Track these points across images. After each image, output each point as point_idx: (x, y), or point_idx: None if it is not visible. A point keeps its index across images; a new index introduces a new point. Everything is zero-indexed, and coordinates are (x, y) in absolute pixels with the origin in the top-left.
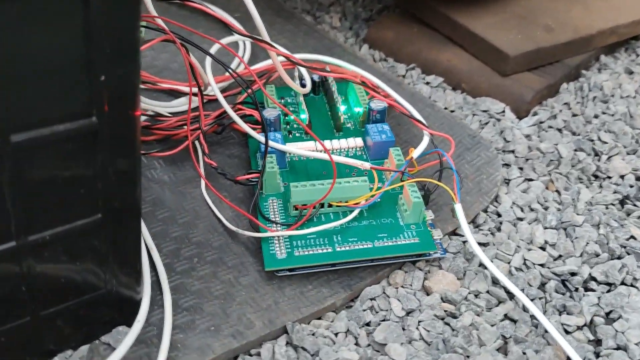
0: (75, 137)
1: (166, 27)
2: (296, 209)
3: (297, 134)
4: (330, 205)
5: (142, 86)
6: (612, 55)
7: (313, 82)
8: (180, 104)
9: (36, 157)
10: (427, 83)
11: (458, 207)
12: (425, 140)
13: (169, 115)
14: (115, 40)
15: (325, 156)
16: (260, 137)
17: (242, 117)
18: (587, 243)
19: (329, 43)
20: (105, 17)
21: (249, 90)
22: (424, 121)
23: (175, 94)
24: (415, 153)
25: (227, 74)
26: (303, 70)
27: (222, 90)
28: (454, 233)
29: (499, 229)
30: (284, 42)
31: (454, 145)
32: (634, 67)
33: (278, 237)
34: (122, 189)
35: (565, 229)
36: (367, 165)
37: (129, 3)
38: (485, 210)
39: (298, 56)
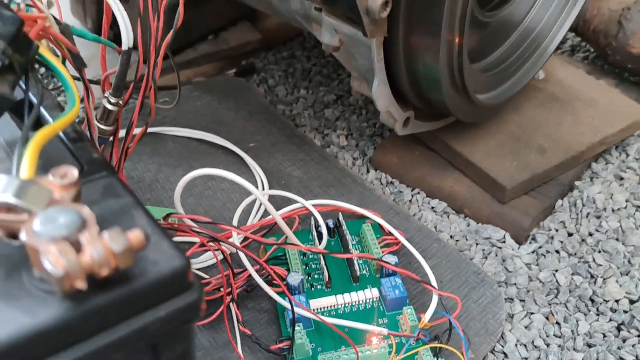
0: None
1: (197, 233)
2: None
3: (318, 286)
4: None
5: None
6: (603, 157)
7: (328, 228)
8: (207, 259)
9: None
10: (432, 208)
11: None
12: (434, 301)
13: (202, 274)
14: None
15: (347, 322)
16: (287, 304)
17: (268, 277)
18: None
19: (338, 173)
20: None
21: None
22: (434, 284)
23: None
24: (426, 317)
25: (249, 224)
26: (318, 217)
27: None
28: None
29: None
30: (298, 174)
31: (460, 306)
32: (624, 170)
33: None
34: None
35: None
36: (384, 331)
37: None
38: (492, 351)
39: (312, 202)
